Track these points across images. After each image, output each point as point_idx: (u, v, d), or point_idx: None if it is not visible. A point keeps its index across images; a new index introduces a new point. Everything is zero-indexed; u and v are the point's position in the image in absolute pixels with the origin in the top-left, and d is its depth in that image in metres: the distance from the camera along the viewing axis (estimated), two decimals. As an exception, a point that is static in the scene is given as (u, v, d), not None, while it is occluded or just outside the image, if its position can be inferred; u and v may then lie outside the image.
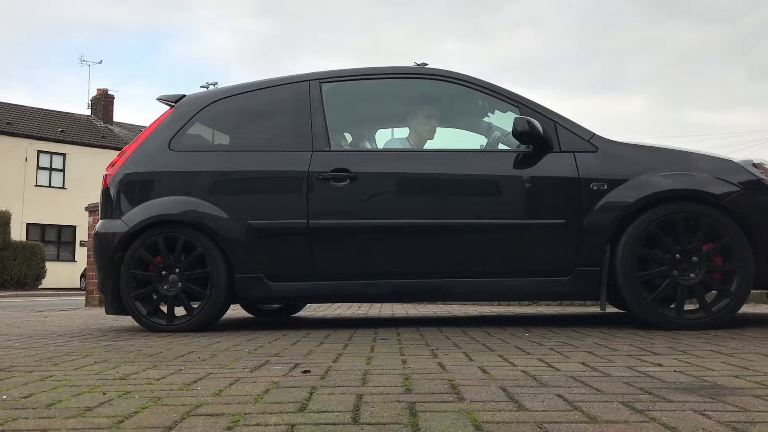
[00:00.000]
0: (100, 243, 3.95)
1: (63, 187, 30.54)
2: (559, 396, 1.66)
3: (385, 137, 4.60)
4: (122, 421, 1.45)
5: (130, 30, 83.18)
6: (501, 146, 4.24)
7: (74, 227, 30.10)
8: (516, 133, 3.57)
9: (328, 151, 3.81)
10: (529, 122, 3.53)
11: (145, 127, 4.77)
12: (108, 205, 4.04)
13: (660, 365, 2.16)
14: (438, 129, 4.29)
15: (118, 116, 35.93)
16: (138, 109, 73.13)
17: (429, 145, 4.23)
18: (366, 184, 3.73)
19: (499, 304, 6.53)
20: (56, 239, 30.28)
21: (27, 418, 1.50)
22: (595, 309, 5.46)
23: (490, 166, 3.79)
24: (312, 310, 5.98)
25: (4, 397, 1.77)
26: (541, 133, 3.55)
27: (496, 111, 4.19)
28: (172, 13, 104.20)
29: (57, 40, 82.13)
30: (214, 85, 29.42)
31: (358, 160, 3.88)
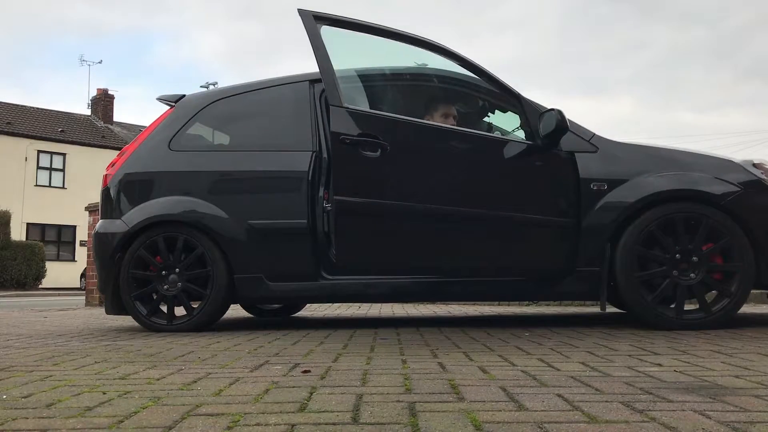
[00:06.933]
0: (100, 243, 3.96)
1: (63, 187, 30.53)
2: (559, 396, 1.66)
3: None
4: (122, 421, 1.45)
5: (118, 32, 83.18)
6: None
7: (74, 227, 30.09)
8: (550, 127, 3.42)
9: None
10: (561, 114, 3.41)
11: (145, 127, 4.77)
12: (108, 205, 4.04)
13: (660, 365, 2.16)
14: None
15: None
16: (130, 110, 73.21)
17: None
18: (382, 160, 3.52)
19: (499, 304, 6.53)
20: (56, 239, 30.26)
21: (27, 418, 1.50)
22: (595, 309, 5.46)
23: (495, 157, 3.58)
24: (312, 310, 5.98)
25: (4, 397, 1.77)
26: (569, 128, 3.46)
27: (497, 111, 4.19)
28: (159, 16, 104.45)
29: (43, 41, 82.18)
30: (213, 85, 29.45)
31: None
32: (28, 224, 29.06)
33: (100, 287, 4.02)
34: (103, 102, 35.14)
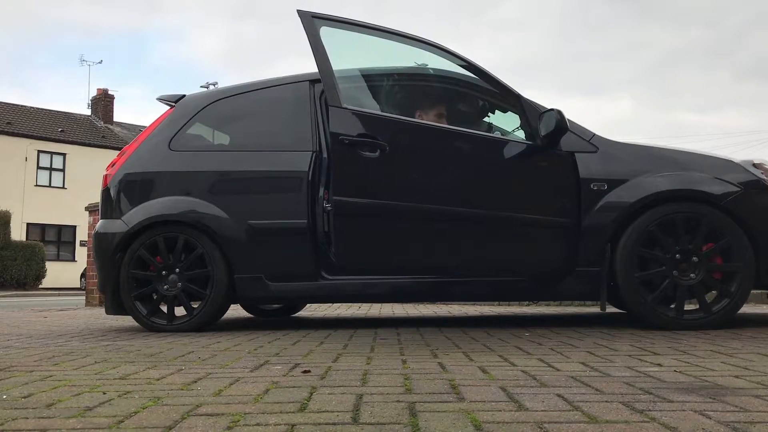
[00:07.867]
0: (100, 243, 3.96)
1: (63, 187, 30.53)
2: (559, 396, 1.66)
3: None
4: (122, 421, 1.45)
5: (118, 32, 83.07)
6: None
7: (74, 227, 30.09)
8: (550, 127, 3.41)
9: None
10: (560, 114, 3.39)
11: (145, 127, 4.77)
12: (108, 205, 4.04)
13: (660, 365, 2.16)
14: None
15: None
16: (130, 110, 73.19)
17: None
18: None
19: (499, 304, 6.53)
20: (56, 239, 30.25)
21: (27, 418, 1.50)
22: (595, 309, 5.46)
23: (495, 157, 3.57)
24: (312, 310, 5.98)
25: (4, 397, 1.77)
26: (569, 128, 3.45)
27: (497, 111, 4.19)
28: (159, 16, 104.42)
29: (43, 41, 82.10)
30: (214, 85, 29.43)
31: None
32: (28, 224, 29.06)
33: (100, 287, 4.02)
34: (103, 102, 35.14)
